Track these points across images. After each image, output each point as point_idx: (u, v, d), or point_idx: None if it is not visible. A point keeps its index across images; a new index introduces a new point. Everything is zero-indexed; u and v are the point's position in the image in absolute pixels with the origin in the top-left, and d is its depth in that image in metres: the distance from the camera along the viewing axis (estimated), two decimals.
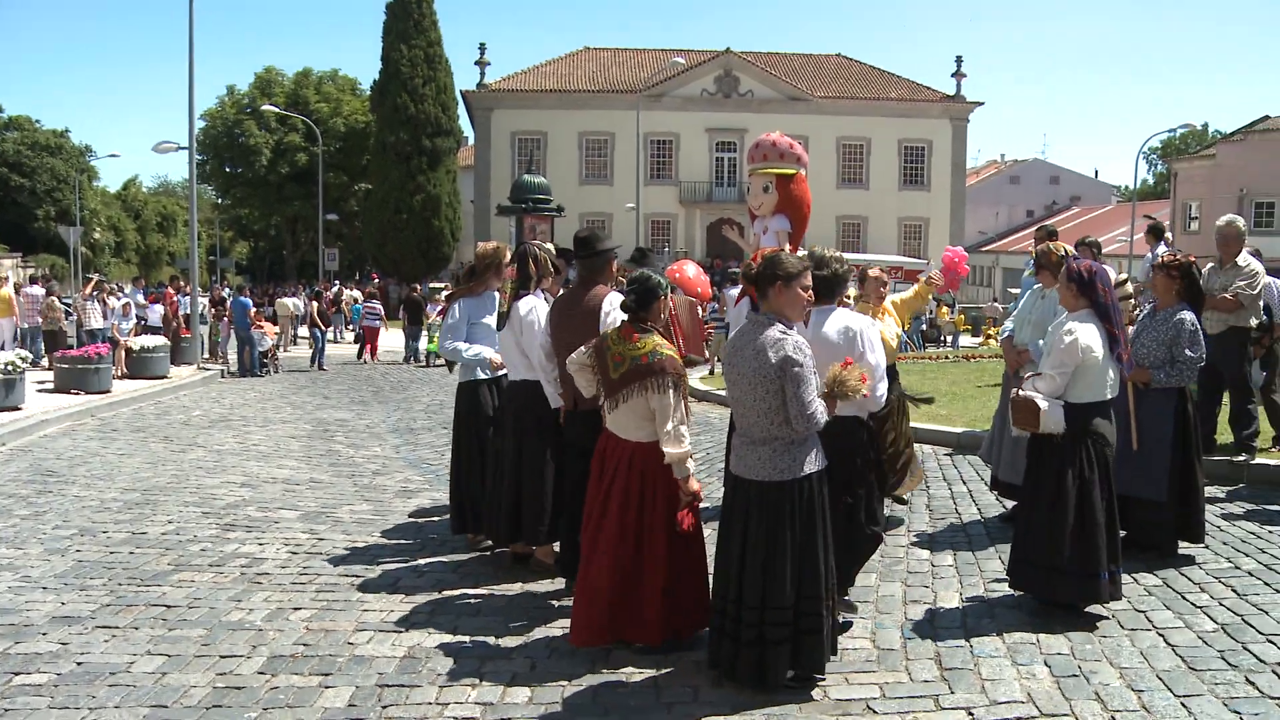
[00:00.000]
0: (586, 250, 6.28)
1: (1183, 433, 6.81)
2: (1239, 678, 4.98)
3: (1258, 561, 6.77)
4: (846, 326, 5.46)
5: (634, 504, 5.20)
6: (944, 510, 8.28)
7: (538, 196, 24.88)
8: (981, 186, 75.35)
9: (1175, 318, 6.79)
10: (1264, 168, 51.72)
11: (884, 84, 58.19)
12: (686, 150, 55.74)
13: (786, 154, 8.18)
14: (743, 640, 4.80)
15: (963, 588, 6.42)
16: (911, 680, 5.03)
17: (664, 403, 5.08)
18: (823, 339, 5.37)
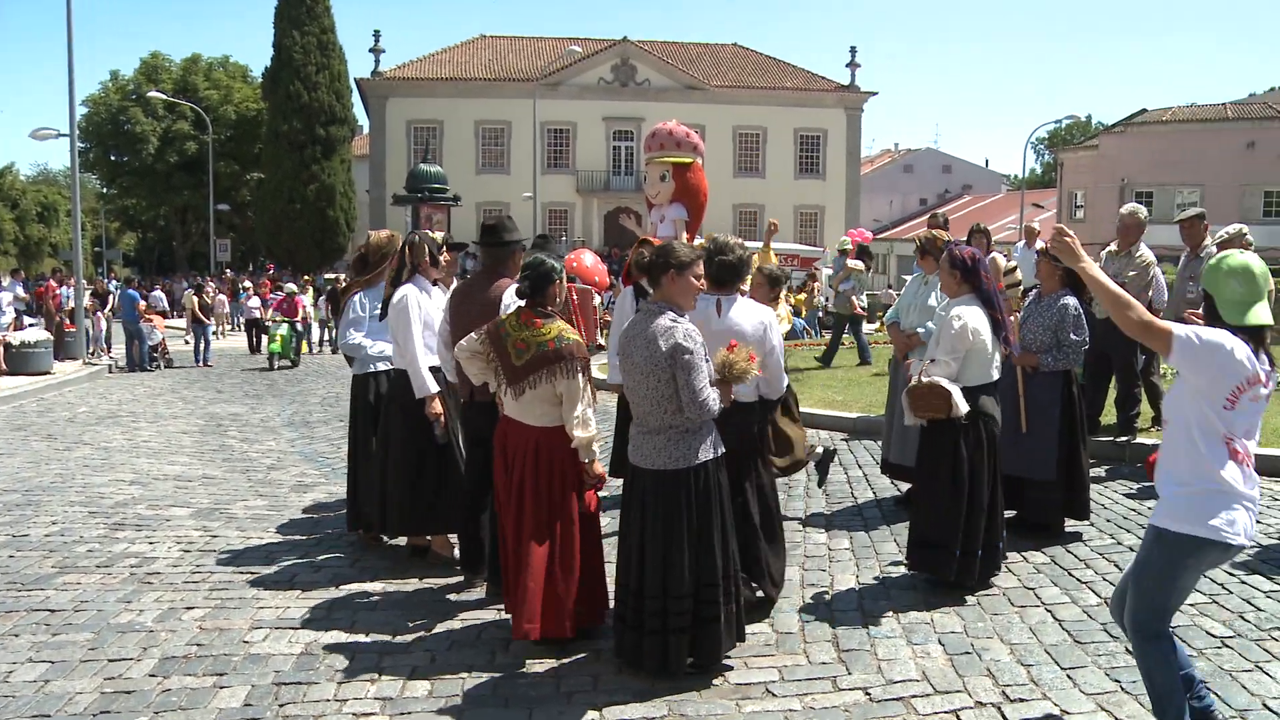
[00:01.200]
0: (492, 239, 6.23)
1: (1069, 415, 7.02)
2: (1119, 649, 5.16)
3: (1138, 537, 6.98)
4: (759, 319, 5.53)
5: (544, 491, 5.18)
6: (840, 494, 8.41)
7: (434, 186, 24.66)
8: (876, 175, 76.54)
9: (1059, 303, 6.98)
10: (1143, 158, 53.48)
11: (780, 73, 58.73)
12: (584, 139, 55.63)
13: (683, 143, 8.23)
14: (646, 629, 4.82)
15: (859, 570, 6.53)
16: (810, 663, 5.11)
17: (573, 387, 5.08)
18: (735, 329, 5.42)
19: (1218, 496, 3.85)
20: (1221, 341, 3.82)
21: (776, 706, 4.64)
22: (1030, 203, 56.95)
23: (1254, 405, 3.86)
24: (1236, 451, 3.87)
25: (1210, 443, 3.86)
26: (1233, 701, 4.59)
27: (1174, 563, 3.94)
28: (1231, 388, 3.81)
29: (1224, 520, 3.83)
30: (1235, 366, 3.80)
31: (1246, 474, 3.89)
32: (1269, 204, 52.71)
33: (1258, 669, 4.93)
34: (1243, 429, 3.88)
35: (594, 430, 5.14)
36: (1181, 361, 3.88)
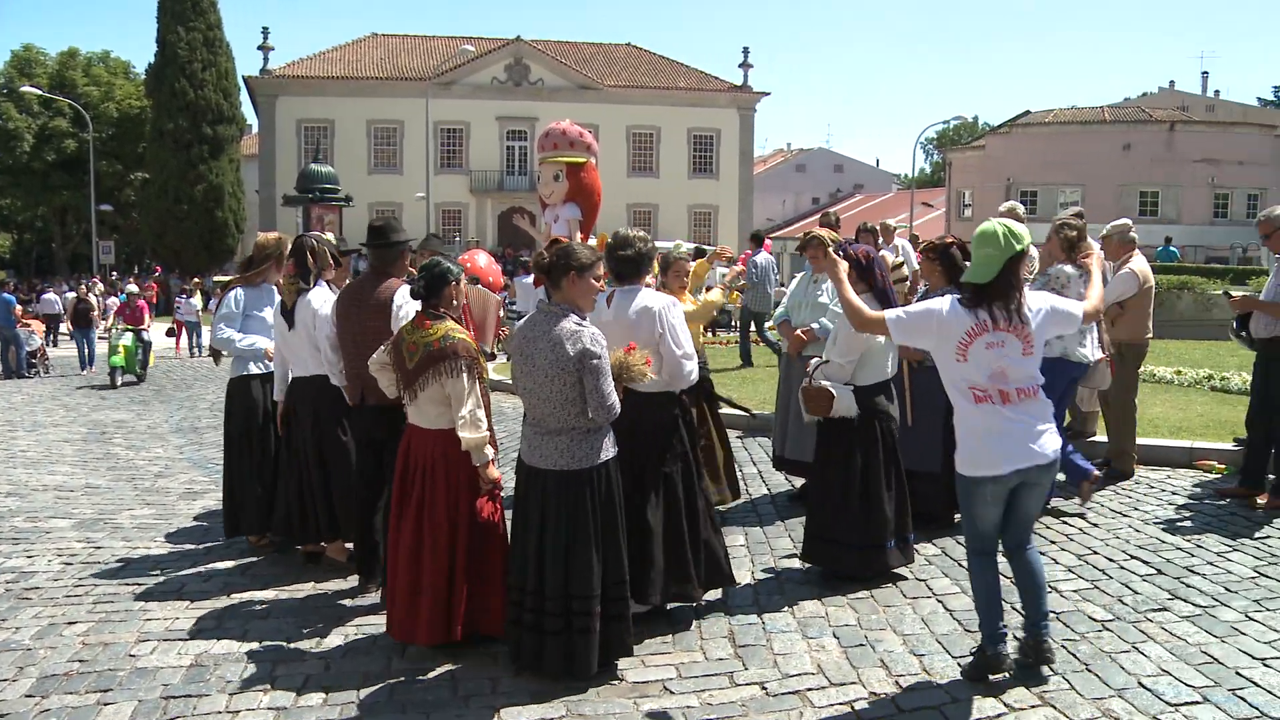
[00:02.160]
0: (379, 240, 6.16)
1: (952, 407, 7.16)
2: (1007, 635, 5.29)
3: None
4: (646, 307, 5.48)
5: (441, 494, 5.13)
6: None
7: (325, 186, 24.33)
8: (769, 174, 77.34)
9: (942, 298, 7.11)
10: (1028, 158, 55.02)
11: (673, 73, 59.01)
12: (477, 139, 55.23)
13: (577, 142, 8.24)
14: (547, 630, 4.81)
15: (754, 565, 6.60)
16: (706, 659, 5.15)
17: (458, 387, 5.04)
18: (625, 320, 5.42)
19: (973, 438, 4.60)
20: (929, 307, 4.58)
21: (674, 704, 4.67)
22: (920, 201, 58.19)
23: (991, 351, 4.48)
24: (978, 396, 4.52)
25: (959, 395, 4.61)
26: (1111, 681, 4.75)
27: (964, 494, 4.74)
28: (955, 343, 4.46)
29: (983, 458, 4.57)
30: (951, 323, 4.49)
31: (999, 410, 4.52)
32: (1144, 203, 54.59)
33: (1134, 649, 5.10)
34: (986, 374, 4.50)
35: (484, 432, 5.09)
36: (901, 337, 4.70)
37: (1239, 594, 5.84)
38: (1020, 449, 4.53)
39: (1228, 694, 4.61)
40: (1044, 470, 4.63)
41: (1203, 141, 55.60)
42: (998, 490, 4.61)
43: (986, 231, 4.57)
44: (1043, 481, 4.70)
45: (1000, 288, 4.52)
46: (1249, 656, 5.00)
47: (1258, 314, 7.55)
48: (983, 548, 4.81)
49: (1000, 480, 4.58)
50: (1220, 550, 6.61)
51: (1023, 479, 4.60)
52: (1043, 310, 4.65)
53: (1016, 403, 4.53)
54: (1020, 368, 4.55)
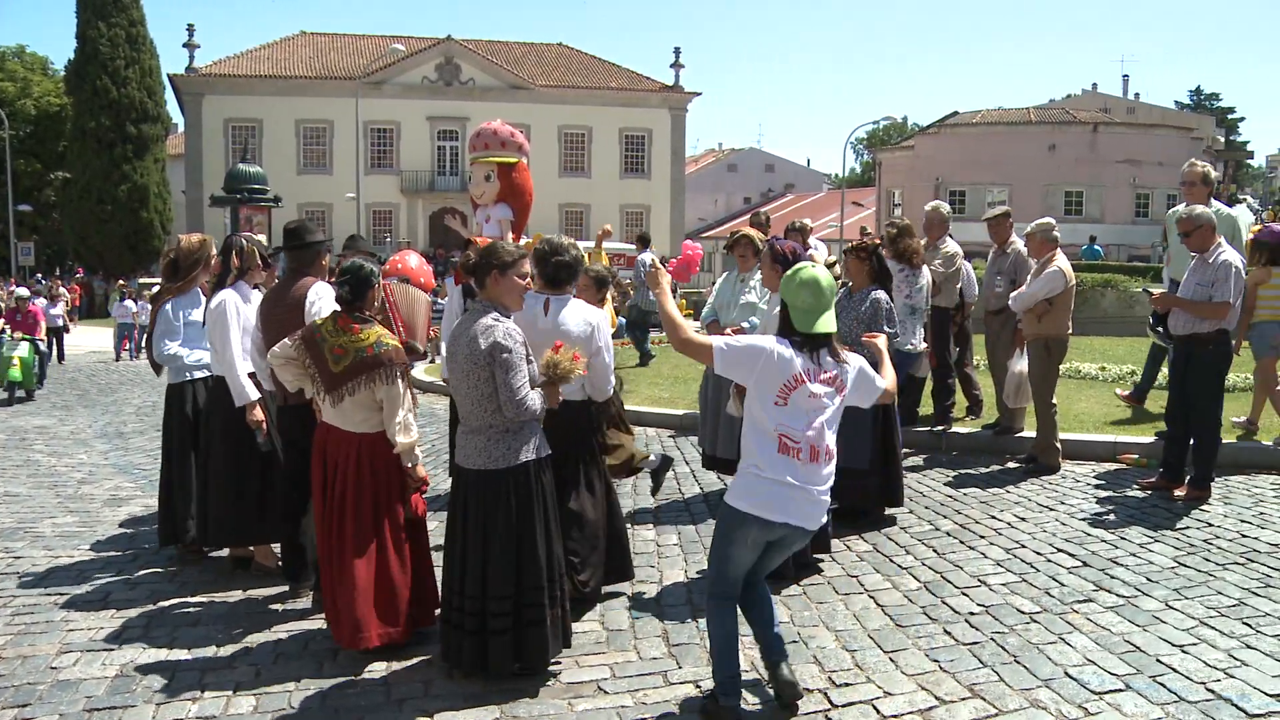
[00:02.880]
0: (294, 241, 6.13)
1: (881, 405, 7.22)
2: (939, 630, 5.39)
3: (954, 522, 7.31)
4: (586, 319, 5.53)
5: (368, 497, 5.10)
6: (667, 490, 8.48)
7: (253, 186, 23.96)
8: (701, 174, 77.65)
9: (870, 297, 7.18)
10: (956, 158, 55.84)
11: (605, 73, 59.00)
12: (408, 139, 54.80)
13: (508, 142, 8.20)
14: (466, 630, 4.80)
15: (687, 565, 6.62)
16: (641, 659, 5.16)
17: (393, 393, 5.03)
18: (562, 329, 5.43)
19: (762, 481, 4.30)
20: (761, 345, 4.35)
21: (609, 704, 4.66)
22: (850, 201, 58.72)
23: (813, 401, 4.30)
24: (788, 446, 4.28)
25: (761, 434, 4.33)
26: (1039, 672, 4.84)
27: (727, 530, 4.45)
28: (778, 386, 4.26)
29: (763, 500, 4.30)
30: (778, 367, 4.28)
31: (799, 466, 4.28)
32: (1069, 203, 55.64)
33: (1061, 640, 5.20)
34: (802, 425, 4.28)
35: (415, 435, 5.11)
36: (724, 369, 4.43)
37: (1160, 584, 5.97)
38: (802, 510, 4.33)
39: (1149, 681, 4.71)
40: (805, 535, 4.49)
41: (1124, 143, 56.81)
42: (760, 536, 4.39)
43: (808, 279, 4.38)
44: (796, 544, 4.60)
45: (830, 338, 4.40)
46: (1169, 644, 5.12)
47: (1175, 311, 7.72)
48: (726, 591, 4.55)
49: (769, 528, 4.35)
50: (1142, 542, 6.75)
51: (786, 534, 4.42)
52: (860, 375, 4.50)
53: (820, 464, 4.34)
54: (832, 425, 4.38)
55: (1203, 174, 8.83)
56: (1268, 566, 6.22)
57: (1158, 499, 7.73)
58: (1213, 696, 4.55)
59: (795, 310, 4.39)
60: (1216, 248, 7.59)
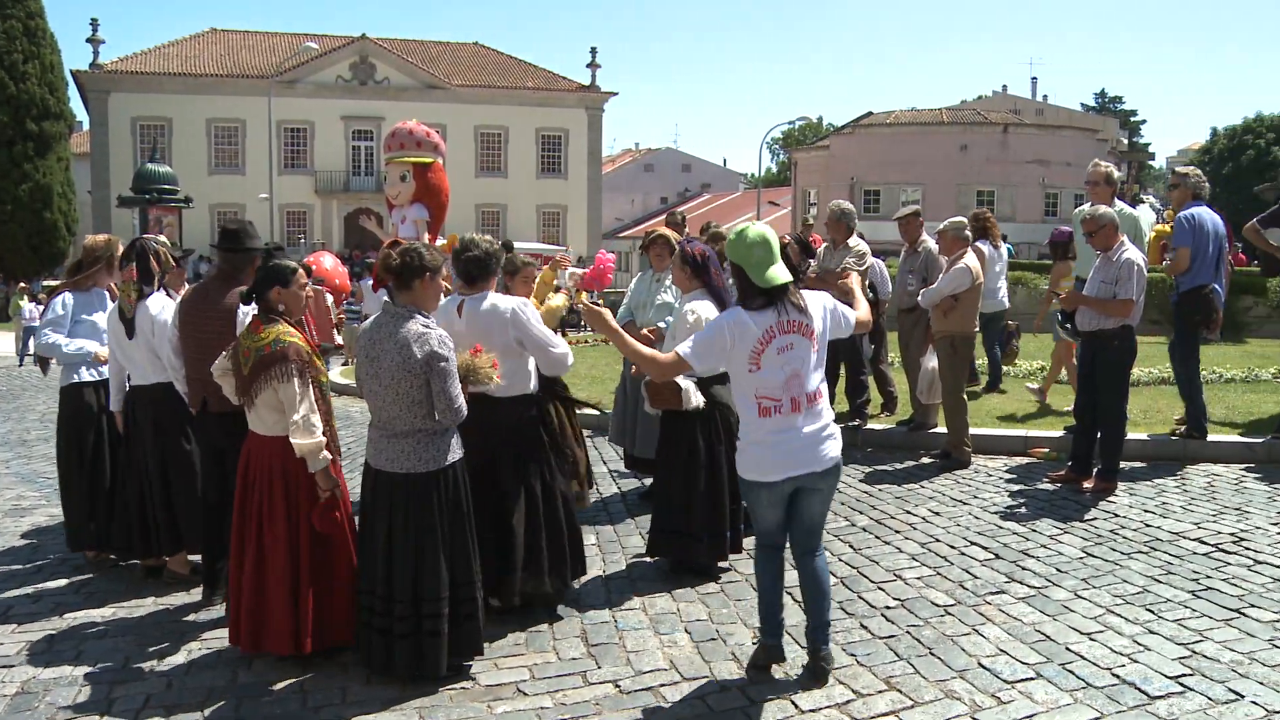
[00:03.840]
0: (232, 244, 6.00)
1: None
2: (855, 624, 5.46)
3: (870, 518, 7.41)
4: (494, 308, 5.52)
5: (286, 503, 5.02)
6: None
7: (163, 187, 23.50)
8: (617, 174, 77.71)
9: None
10: (870, 158, 56.60)
11: (521, 73, 58.84)
12: (322, 138, 54.14)
13: (424, 142, 8.14)
14: (396, 633, 4.76)
15: (605, 564, 6.63)
16: (560, 659, 5.15)
17: (290, 391, 4.92)
18: (477, 327, 5.41)
19: (754, 447, 4.60)
20: (720, 324, 4.57)
21: (528, 705, 4.65)
22: (766, 200, 59.22)
23: (785, 355, 4.52)
24: (768, 408, 4.52)
25: (744, 402, 4.62)
26: (953, 663, 4.92)
27: (747, 495, 4.82)
28: (748, 353, 4.47)
29: (759, 466, 4.59)
30: (741, 334, 4.49)
31: (781, 420, 4.53)
32: (981, 202, 56.53)
33: (974, 632, 5.30)
34: (780, 380, 4.51)
35: (318, 437, 4.96)
36: (704, 364, 4.64)
37: (1069, 574, 6.12)
38: (797, 457, 4.56)
39: (1059, 668, 4.82)
40: (822, 476, 4.64)
41: (1034, 143, 58.04)
42: (773, 496, 4.65)
43: (753, 236, 4.61)
44: (822, 487, 4.70)
45: (785, 288, 4.59)
46: (1078, 632, 5.24)
47: (1082, 308, 7.90)
48: (767, 542, 4.86)
49: (774, 487, 4.61)
50: (1052, 533, 6.91)
51: (799, 485, 4.63)
52: (827, 310, 4.72)
53: (805, 412, 4.56)
54: (812, 369, 4.58)
55: (1106, 174, 9.05)
56: (1169, 555, 6.40)
57: (1067, 491, 7.90)
58: (1118, 681, 4.68)
59: (751, 268, 4.56)
60: (1119, 246, 7.78)
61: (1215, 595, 5.71)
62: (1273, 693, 4.54)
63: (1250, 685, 4.61)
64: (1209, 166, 73.59)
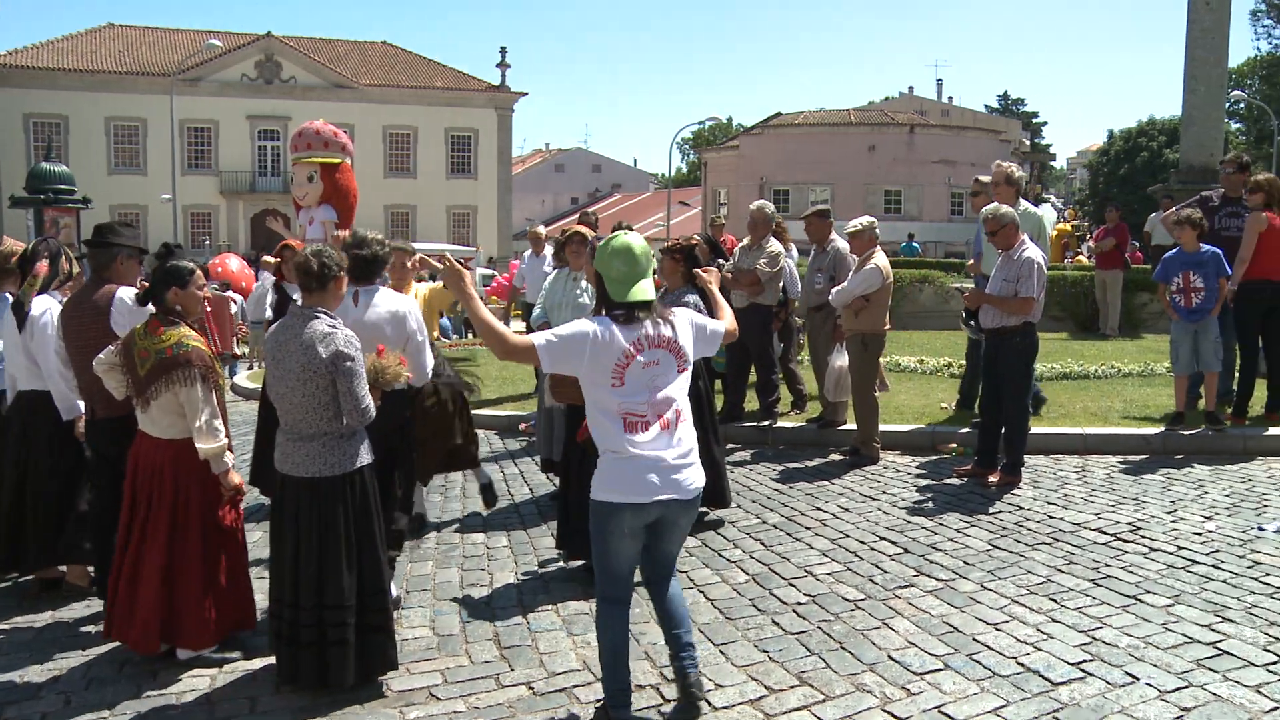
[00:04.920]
0: (95, 239, 5.86)
1: (698, 405, 7.18)
2: (767, 621, 5.50)
3: (781, 515, 7.47)
4: (395, 308, 5.59)
5: (172, 504, 4.94)
6: (497, 492, 8.43)
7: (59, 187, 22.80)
8: (528, 175, 77.60)
9: (682, 299, 7.19)
10: (779, 159, 57.17)
11: (430, 72, 58.35)
12: (226, 138, 53.14)
13: (331, 142, 8.04)
14: (302, 642, 4.67)
15: (518, 566, 6.60)
16: (472, 663, 5.11)
17: (193, 396, 4.86)
18: (372, 321, 5.44)
19: (620, 464, 4.20)
20: (583, 330, 4.20)
21: (440, 710, 4.61)
22: (677, 200, 59.48)
23: (650, 371, 4.20)
24: (634, 422, 4.20)
25: (606, 417, 4.23)
26: (863, 657, 4.98)
27: (600, 525, 4.29)
28: (610, 368, 4.16)
29: (627, 484, 4.19)
30: (605, 349, 4.15)
31: (651, 438, 4.21)
32: (888, 202, 57.56)
33: (884, 625, 5.37)
34: (645, 398, 4.20)
35: (222, 440, 4.93)
36: (552, 364, 4.24)
37: (976, 566, 6.24)
38: (666, 480, 4.21)
39: (966, 659, 4.91)
40: (684, 507, 4.32)
41: (939, 144, 59.13)
42: (636, 522, 4.25)
43: (621, 248, 4.29)
44: (682, 520, 4.39)
45: (651, 304, 4.31)
46: (984, 623, 5.35)
47: (985, 306, 8.06)
48: (614, 592, 4.38)
49: (641, 510, 4.22)
50: (959, 527, 7.04)
51: (663, 514, 4.28)
52: (695, 327, 4.43)
53: (671, 431, 4.26)
54: (677, 388, 4.30)
55: (1007, 174, 9.25)
56: (1071, 545, 6.56)
57: (973, 485, 8.06)
58: (1023, 669, 4.78)
59: (610, 282, 4.29)
60: (1020, 245, 7.95)
61: (1114, 583, 5.87)
62: (1165, 674, 4.68)
63: (1145, 668, 4.75)
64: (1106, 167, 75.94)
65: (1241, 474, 8.23)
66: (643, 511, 4.22)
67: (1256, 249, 9.19)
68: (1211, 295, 8.95)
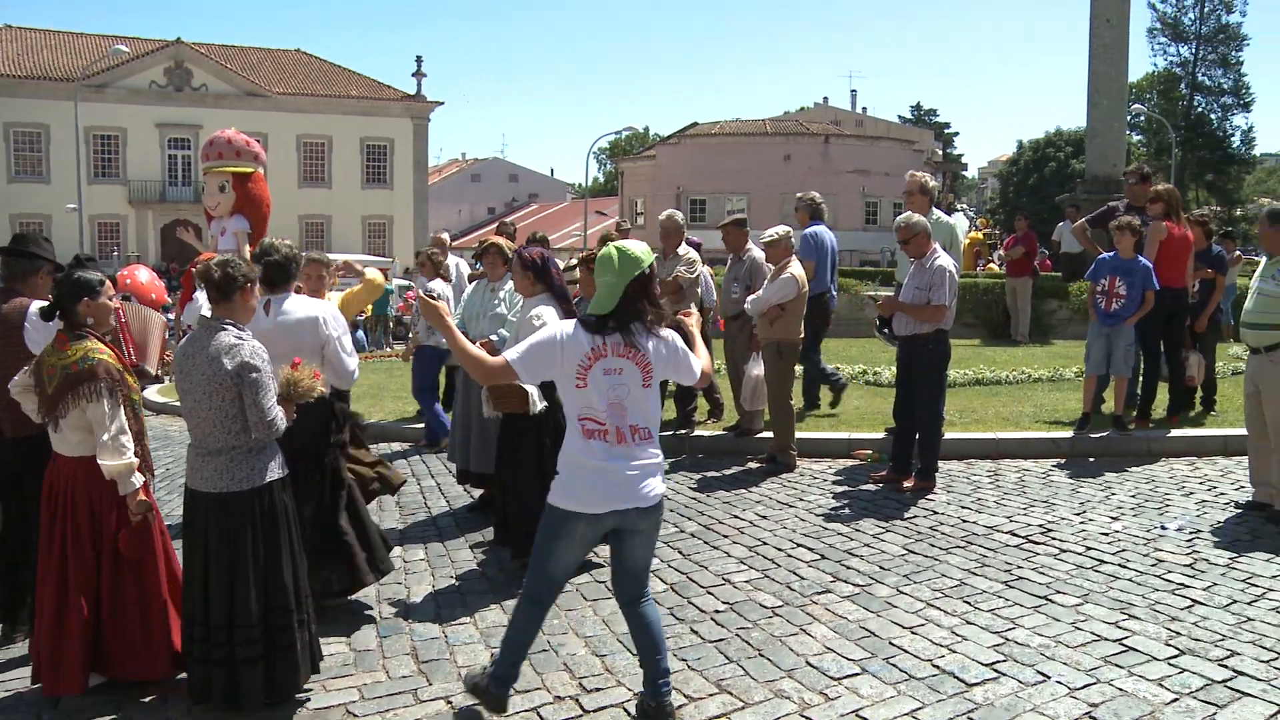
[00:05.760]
0: (12, 248, 5.71)
1: None
2: (686, 629, 5.52)
3: (699, 524, 7.51)
4: (309, 314, 5.60)
5: (91, 525, 4.77)
6: (413, 505, 8.38)
7: None
8: (444, 184, 77.14)
9: None
10: (697, 168, 57.54)
11: (345, 81, 57.75)
12: (135, 146, 52.03)
13: (243, 151, 7.93)
14: (213, 661, 4.57)
15: (435, 579, 6.55)
16: (390, 678, 5.05)
17: (98, 411, 4.69)
18: (286, 327, 5.42)
19: (577, 471, 4.24)
20: (550, 335, 4.27)
21: None
22: (594, 210, 59.51)
23: (611, 377, 4.20)
24: (592, 429, 4.20)
25: (570, 423, 4.28)
26: (781, 663, 5.02)
27: (551, 528, 4.33)
28: (575, 368, 4.19)
29: (583, 493, 4.22)
30: (570, 348, 4.20)
31: (609, 448, 4.20)
32: None
33: (802, 631, 5.42)
34: (604, 404, 4.20)
35: (128, 458, 4.75)
36: (530, 376, 4.33)
37: (891, 571, 6.32)
38: (621, 490, 4.21)
39: (883, 663, 4.98)
40: (644, 514, 4.29)
41: (854, 154, 59.96)
42: (589, 532, 4.30)
43: (602, 257, 4.32)
44: (643, 527, 4.34)
45: (623, 313, 4.26)
46: (900, 627, 5.42)
47: (899, 313, 8.19)
48: (537, 592, 4.46)
49: (595, 520, 4.26)
50: (875, 532, 7.13)
51: (620, 524, 4.28)
52: (669, 347, 4.37)
53: (631, 444, 4.23)
54: (640, 402, 4.25)
55: (921, 184, 9.42)
56: (984, 548, 6.69)
57: (889, 491, 8.17)
58: (938, 671, 4.86)
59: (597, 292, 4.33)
60: (932, 253, 8.09)
61: (1025, 584, 6.00)
62: (1075, 672, 4.80)
63: (1056, 667, 4.86)
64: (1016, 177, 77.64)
65: (1146, 475, 8.46)
66: (597, 522, 4.26)
67: (1157, 258, 9.44)
68: (1132, 304, 9.18)
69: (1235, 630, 5.22)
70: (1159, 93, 71.76)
